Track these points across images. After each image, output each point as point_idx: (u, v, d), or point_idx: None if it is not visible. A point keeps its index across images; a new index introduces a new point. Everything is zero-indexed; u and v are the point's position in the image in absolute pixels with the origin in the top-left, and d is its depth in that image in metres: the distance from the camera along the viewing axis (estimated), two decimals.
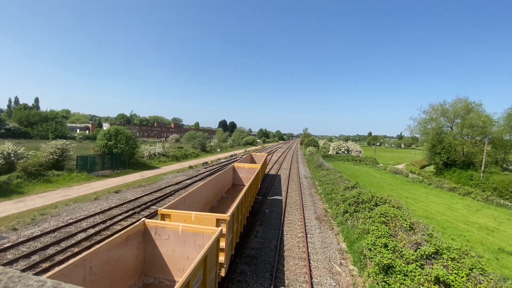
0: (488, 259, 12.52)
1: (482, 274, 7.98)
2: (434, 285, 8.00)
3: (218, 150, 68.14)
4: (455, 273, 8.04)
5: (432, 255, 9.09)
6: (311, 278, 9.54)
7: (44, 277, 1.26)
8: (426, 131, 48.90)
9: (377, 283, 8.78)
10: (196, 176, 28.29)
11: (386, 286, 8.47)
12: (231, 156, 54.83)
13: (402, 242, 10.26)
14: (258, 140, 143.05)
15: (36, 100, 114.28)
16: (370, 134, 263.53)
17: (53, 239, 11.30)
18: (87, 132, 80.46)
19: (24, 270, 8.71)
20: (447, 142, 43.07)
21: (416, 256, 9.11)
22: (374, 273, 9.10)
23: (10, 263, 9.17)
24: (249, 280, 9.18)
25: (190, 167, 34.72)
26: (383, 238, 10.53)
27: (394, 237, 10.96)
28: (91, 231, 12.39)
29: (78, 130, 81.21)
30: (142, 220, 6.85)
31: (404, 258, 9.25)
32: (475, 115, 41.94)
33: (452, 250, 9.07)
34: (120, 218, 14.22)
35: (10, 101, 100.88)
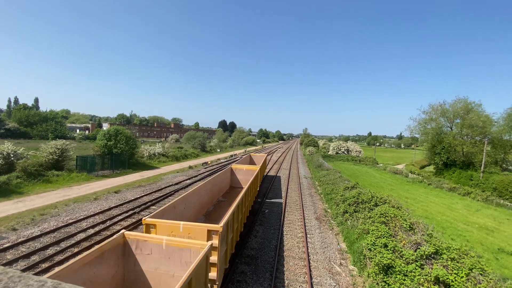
0: (487, 259, 12.54)
1: (481, 274, 7.99)
2: (434, 285, 8.01)
3: (218, 150, 68.17)
4: (455, 273, 8.05)
5: (432, 255, 9.10)
6: (311, 278, 9.55)
7: (45, 277, 1.26)
8: (425, 131, 49.01)
9: (377, 283, 8.78)
10: (196, 176, 28.29)
11: (386, 286, 8.47)
12: (231, 156, 54.86)
13: (402, 242, 10.26)
14: (258, 140, 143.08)
15: (36, 100, 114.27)
16: (370, 134, 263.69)
17: (52, 239, 11.29)
18: (87, 132, 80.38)
19: (24, 270, 8.70)
20: (447, 142, 43.14)
21: (416, 256, 9.12)
22: (374, 273, 9.10)
23: (9, 263, 9.16)
24: (249, 280, 9.19)
25: (190, 167, 34.73)
26: (383, 238, 10.54)
27: (394, 237, 10.96)
28: (91, 231, 12.38)
29: (78, 130, 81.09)
30: (122, 232, 5.93)
31: (404, 258, 9.25)
32: (474, 115, 42.05)
33: (451, 250, 9.08)
34: (120, 218, 14.23)
35: (10, 101, 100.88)
